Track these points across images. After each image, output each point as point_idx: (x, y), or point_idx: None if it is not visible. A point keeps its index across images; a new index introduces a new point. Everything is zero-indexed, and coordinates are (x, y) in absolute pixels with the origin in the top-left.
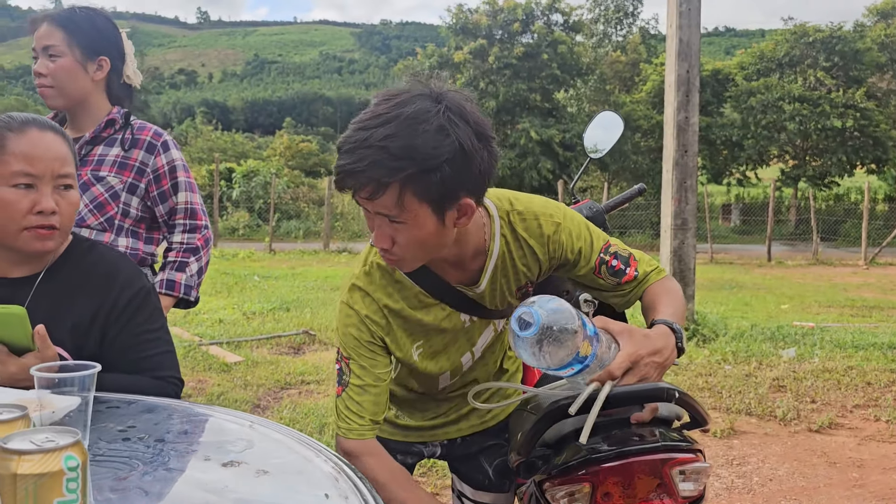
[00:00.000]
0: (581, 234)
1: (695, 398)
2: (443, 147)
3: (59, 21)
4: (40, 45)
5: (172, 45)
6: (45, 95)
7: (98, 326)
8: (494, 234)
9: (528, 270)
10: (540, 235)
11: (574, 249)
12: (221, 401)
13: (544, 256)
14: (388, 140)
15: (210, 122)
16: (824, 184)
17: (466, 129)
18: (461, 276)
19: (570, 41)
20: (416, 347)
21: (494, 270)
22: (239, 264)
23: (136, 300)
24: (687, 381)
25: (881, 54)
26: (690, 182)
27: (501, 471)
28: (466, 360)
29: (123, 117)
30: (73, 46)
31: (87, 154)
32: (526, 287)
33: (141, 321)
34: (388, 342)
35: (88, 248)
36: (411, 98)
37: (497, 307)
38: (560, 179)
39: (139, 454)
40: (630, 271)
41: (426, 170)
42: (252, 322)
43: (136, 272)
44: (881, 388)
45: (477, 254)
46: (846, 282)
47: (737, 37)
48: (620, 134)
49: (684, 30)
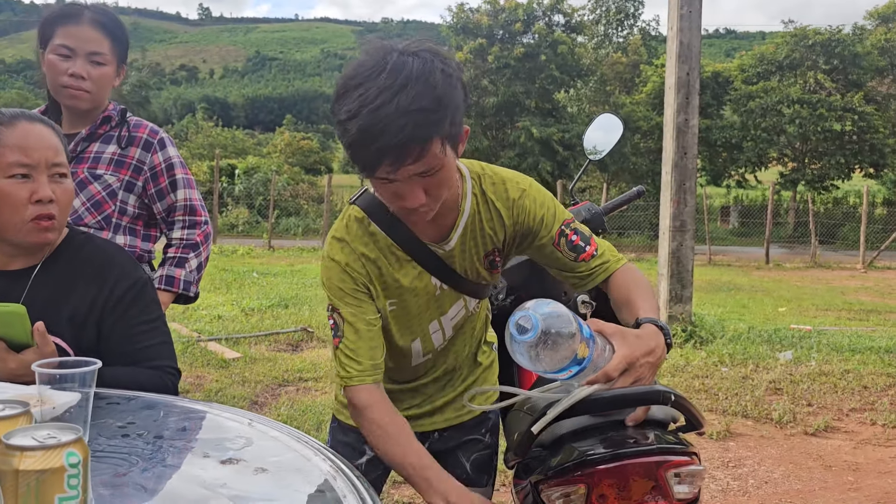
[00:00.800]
0: (545, 204)
1: (690, 401)
2: (456, 90)
3: (108, 29)
4: (85, 48)
5: (174, 40)
6: (78, 97)
7: (95, 317)
8: (466, 193)
9: (495, 235)
10: (507, 199)
11: (537, 216)
12: (219, 397)
13: (509, 220)
14: (418, 100)
15: (211, 119)
16: (823, 187)
17: (452, 66)
18: (432, 232)
19: (570, 42)
20: (389, 304)
21: (465, 230)
22: (238, 261)
23: (132, 291)
24: (684, 382)
25: (881, 58)
26: (689, 184)
27: (479, 466)
28: (437, 336)
29: (119, 114)
30: (115, 56)
31: (83, 151)
32: (493, 255)
33: (137, 312)
34: (370, 290)
35: (84, 240)
36: (400, 59)
37: (466, 274)
38: (559, 180)
39: (138, 450)
40: (589, 249)
41: (453, 112)
42: (251, 319)
43: (132, 263)
44: (878, 392)
45: (449, 209)
46: (844, 285)
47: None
48: (620, 136)
49: (685, 32)
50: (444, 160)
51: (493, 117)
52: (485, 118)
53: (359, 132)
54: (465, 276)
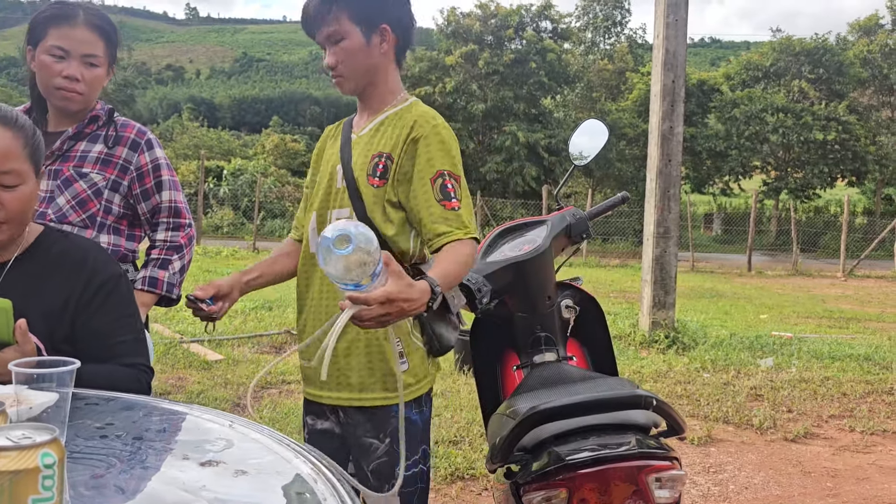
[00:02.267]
0: (443, 148)
1: (672, 406)
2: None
3: (102, 31)
4: (79, 50)
5: (160, 40)
6: (71, 99)
7: (69, 313)
8: (400, 103)
9: (389, 141)
10: (421, 113)
11: (431, 150)
12: (201, 399)
13: (404, 133)
14: None
15: (196, 119)
16: (805, 196)
17: None
18: (360, 120)
19: (558, 49)
20: (314, 176)
21: (376, 126)
22: (222, 262)
23: (106, 286)
24: (666, 388)
25: (863, 69)
26: (674, 191)
27: (379, 475)
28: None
29: (107, 114)
30: (108, 57)
31: (69, 150)
32: (380, 159)
33: (111, 307)
34: (317, 160)
35: (60, 237)
36: None
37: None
38: (545, 185)
39: (117, 452)
40: (455, 203)
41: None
42: (234, 320)
43: (107, 259)
44: (856, 399)
45: (381, 103)
46: (825, 293)
47: (722, 48)
48: (605, 142)
49: (671, 41)
50: (346, 31)
51: (481, 122)
52: (472, 122)
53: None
54: (353, 170)
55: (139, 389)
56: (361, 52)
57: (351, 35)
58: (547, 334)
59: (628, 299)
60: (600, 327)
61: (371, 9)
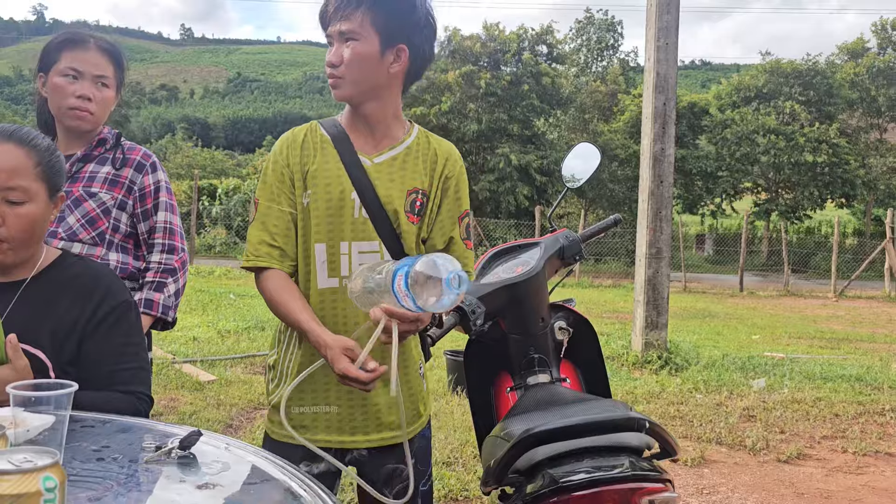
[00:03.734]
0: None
1: (665, 427)
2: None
3: (112, 55)
4: (92, 71)
5: (154, 60)
6: (83, 119)
7: (77, 335)
8: (412, 132)
9: (424, 174)
10: (449, 153)
11: (461, 186)
12: (193, 420)
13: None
14: None
15: (190, 139)
16: (796, 217)
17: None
18: (366, 143)
19: (552, 72)
20: (306, 196)
21: (398, 155)
22: (215, 282)
23: (115, 312)
24: (659, 409)
25: (851, 92)
26: (665, 212)
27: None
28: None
29: (114, 137)
30: (117, 80)
31: (78, 171)
32: (417, 195)
33: (119, 334)
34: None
35: (76, 260)
36: None
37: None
38: (537, 205)
39: (113, 474)
40: (471, 243)
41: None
42: (226, 341)
43: (120, 286)
44: (848, 420)
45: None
46: (816, 314)
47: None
48: (597, 165)
49: (662, 64)
50: (363, 35)
51: (474, 142)
52: (466, 143)
53: None
54: (384, 205)
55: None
56: (370, 61)
57: (367, 40)
58: (540, 356)
59: (621, 319)
60: (593, 349)
61: (397, 24)
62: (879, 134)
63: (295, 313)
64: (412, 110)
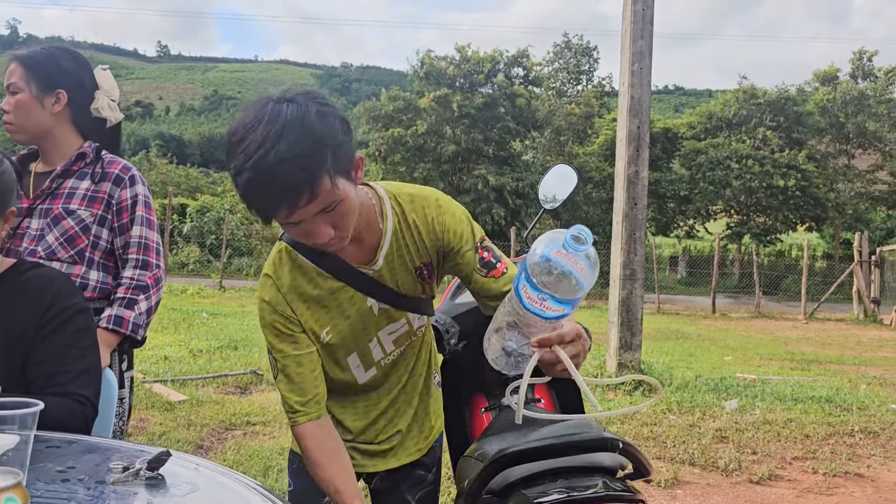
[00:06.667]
0: (462, 220)
1: (639, 448)
2: (333, 127)
3: (20, 58)
4: (5, 83)
5: (130, 76)
6: (9, 131)
7: (26, 341)
8: (387, 214)
9: (419, 252)
10: (425, 217)
11: (456, 231)
12: (163, 441)
13: (430, 239)
14: (295, 145)
15: (165, 156)
16: (768, 240)
17: (328, 106)
18: (359, 255)
19: (528, 94)
20: (325, 332)
21: (390, 249)
22: (187, 300)
23: (64, 314)
24: (632, 430)
25: (821, 119)
26: (639, 234)
27: (424, 501)
28: (376, 348)
29: (94, 151)
30: (31, 81)
31: (57, 187)
32: (423, 269)
33: (64, 336)
34: (302, 323)
35: (29, 267)
36: (275, 108)
37: (400, 288)
38: (512, 226)
39: (78, 496)
40: (500, 266)
41: (335, 148)
42: (198, 360)
43: (73, 290)
44: (819, 441)
45: (370, 229)
46: (787, 335)
47: (685, 95)
48: (574, 186)
49: (636, 88)
50: (339, 193)
51: (451, 164)
52: (442, 164)
53: (247, 185)
54: (400, 291)
55: (75, 423)
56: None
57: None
58: None
59: (595, 340)
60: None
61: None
62: (847, 160)
63: (336, 484)
64: (390, 131)
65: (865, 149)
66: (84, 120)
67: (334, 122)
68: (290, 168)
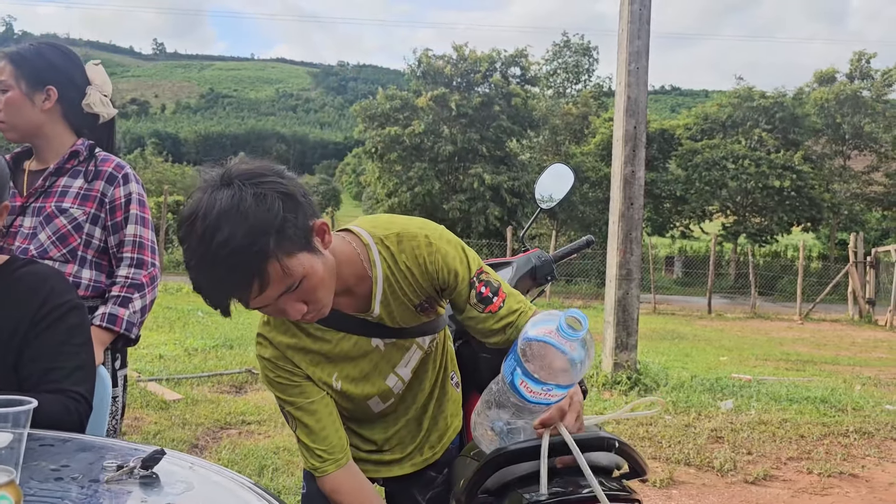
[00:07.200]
0: (456, 256)
1: (634, 448)
2: (271, 210)
3: (8, 56)
4: None
5: (125, 74)
6: (1, 130)
7: (19, 337)
8: (374, 261)
9: (416, 293)
10: (416, 258)
11: (451, 269)
12: (158, 439)
13: (424, 279)
14: (232, 240)
15: (160, 154)
16: (763, 240)
17: (271, 180)
18: (354, 304)
19: (524, 94)
20: (335, 379)
21: (384, 296)
22: (183, 299)
23: (58, 311)
24: (628, 430)
25: (817, 120)
26: (635, 234)
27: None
28: (394, 383)
29: (88, 149)
30: (20, 79)
31: (50, 186)
32: (424, 303)
33: (58, 333)
34: (308, 375)
35: (22, 264)
36: (211, 198)
37: (405, 324)
38: (509, 226)
39: (72, 495)
40: (497, 301)
41: (278, 229)
42: (194, 359)
43: (66, 287)
44: (814, 441)
45: (360, 279)
46: (782, 336)
47: (682, 96)
48: (571, 186)
49: (632, 88)
50: (298, 272)
51: (447, 163)
52: (439, 163)
53: (196, 282)
54: (405, 326)
55: (69, 420)
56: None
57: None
58: None
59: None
60: None
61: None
62: (843, 161)
63: None
64: (387, 129)
65: (861, 150)
66: (76, 116)
67: (274, 203)
68: (231, 262)
